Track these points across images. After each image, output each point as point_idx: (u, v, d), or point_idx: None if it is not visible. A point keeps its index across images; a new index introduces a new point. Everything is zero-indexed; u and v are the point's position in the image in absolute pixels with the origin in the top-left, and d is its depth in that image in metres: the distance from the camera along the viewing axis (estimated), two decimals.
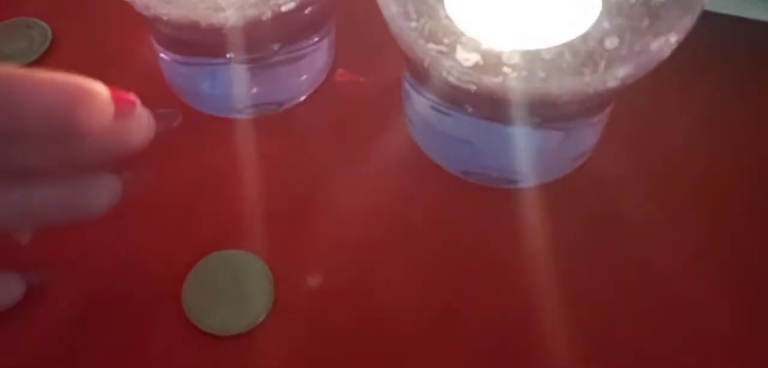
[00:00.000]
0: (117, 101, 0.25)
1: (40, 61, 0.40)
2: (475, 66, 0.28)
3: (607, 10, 0.30)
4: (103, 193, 0.27)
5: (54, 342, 0.30)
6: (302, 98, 0.38)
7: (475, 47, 0.29)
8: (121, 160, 0.27)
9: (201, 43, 0.34)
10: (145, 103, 0.35)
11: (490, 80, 0.28)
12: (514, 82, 0.28)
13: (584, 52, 0.29)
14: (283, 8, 0.32)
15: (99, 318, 0.31)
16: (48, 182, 0.26)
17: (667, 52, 0.28)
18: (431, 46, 0.29)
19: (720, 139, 0.36)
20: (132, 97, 0.26)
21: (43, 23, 0.41)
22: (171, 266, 0.31)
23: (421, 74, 0.32)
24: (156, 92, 0.38)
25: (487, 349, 0.30)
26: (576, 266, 0.31)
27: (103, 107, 0.25)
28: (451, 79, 0.28)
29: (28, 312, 0.31)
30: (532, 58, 0.28)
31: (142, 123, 0.26)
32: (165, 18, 0.31)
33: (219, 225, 0.33)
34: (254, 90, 0.36)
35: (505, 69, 0.28)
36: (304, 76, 0.37)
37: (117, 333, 0.30)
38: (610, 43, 0.29)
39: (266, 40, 0.34)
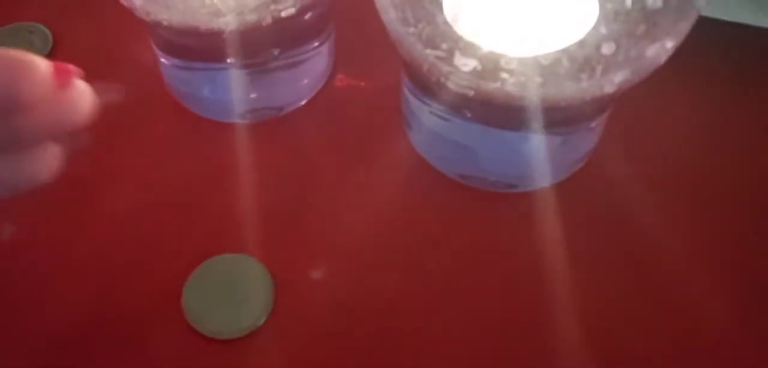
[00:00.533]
0: (56, 71, 0.25)
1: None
2: (473, 71, 0.28)
3: (604, 17, 0.30)
4: (45, 162, 0.27)
5: (53, 346, 0.30)
6: (302, 103, 0.38)
7: (473, 53, 0.29)
8: (63, 134, 0.26)
9: (201, 48, 0.34)
10: (145, 108, 0.36)
11: (488, 86, 0.28)
12: (512, 88, 0.28)
13: (581, 58, 0.29)
14: (283, 14, 0.32)
15: (99, 322, 0.31)
16: None
17: (663, 58, 0.28)
18: (429, 51, 0.29)
19: (717, 142, 0.36)
20: (71, 67, 0.26)
21: (44, 28, 0.41)
22: (171, 269, 0.32)
23: (419, 79, 0.32)
24: (156, 97, 0.38)
25: (487, 352, 0.30)
26: (575, 269, 0.31)
27: (43, 78, 0.25)
28: (450, 84, 0.29)
29: (27, 314, 0.31)
30: (530, 63, 0.29)
31: (82, 97, 0.26)
32: (165, 23, 0.32)
33: (219, 229, 0.33)
34: (254, 95, 0.36)
35: (503, 74, 0.28)
36: (304, 81, 0.37)
37: (117, 336, 0.30)
38: (607, 48, 0.29)
39: (266, 46, 0.35)
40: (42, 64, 0.25)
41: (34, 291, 0.31)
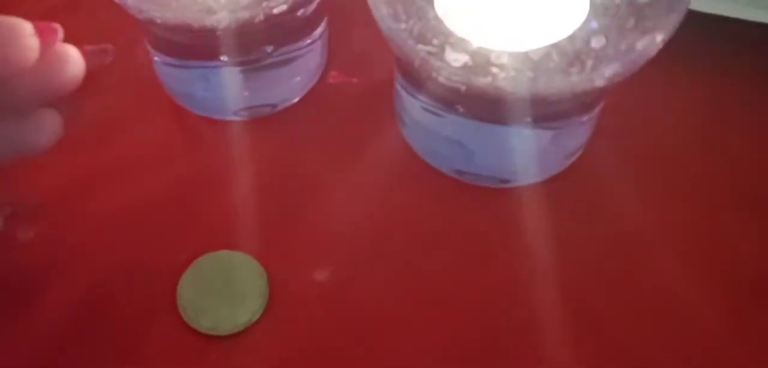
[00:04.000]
0: (40, 31, 0.25)
1: None
2: (464, 66, 0.28)
3: (594, 11, 0.30)
4: (43, 128, 0.27)
5: (49, 343, 0.30)
6: (295, 100, 0.38)
7: (463, 48, 0.29)
8: (54, 98, 0.27)
9: (194, 45, 0.34)
10: (139, 106, 0.36)
11: (479, 81, 0.28)
12: (502, 83, 0.28)
13: (571, 52, 0.29)
14: (276, 11, 0.32)
15: (94, 319, 0.31)
16: None
17: (653, 52, 0.28)
18: (421, 47, 0.29)
19: (709, 136, 0.36)
20: (54, 25, 0.26)
21: None
22: (166, 266, 0.32)
23: (412, 75, 0.32)
24: (150, 95, 0.38)
25: (481, 348, 0.30)
26: (569, 263, 0.32)
27: (28, 38, 0.25)
28: (441, 79, 0.29)
29: (23, 312, 0.31)
30: (521, 58, 0.29)
31: (71, 60, 0.27)
32: (158, 21, 0.32)
33: (213, 226, 0.33)
34: (247, 92, 0.36)
35: (494, 69, 0.28)
36: (297, 78, 0.38)
37: (112, 333, 0.30)
38: (597, 42, 0.29)
39: (259, 43, 0.35)
40: (26, 26, 0.25)
41: (29, 289, 0.31)
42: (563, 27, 0.30)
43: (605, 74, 0.28)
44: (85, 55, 0.27)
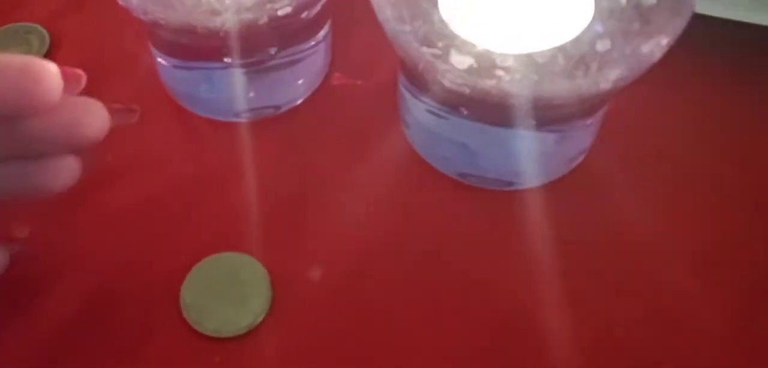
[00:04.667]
0: (65, 75, 0.25)
1: None
2: (469, 69, 0.28)
3: (599, 14, 0.30)
4: (60, 174, 0.27)
5: (52, 344, 0.30)
6: (299, 102, 0.38)
7: (468, 50, 0.29)
8: (75, 149, 0.27)
9: (198, 47, 0.34)
10: (143, 107, 0.36)
11: (484, 83, 0.28)
12: (507, 85, 0.28)
13: (576, 56, 0.29)
14: (280, 13, 0.32)
15: (97, 321, 0.31)
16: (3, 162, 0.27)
17: (658, 55, 0.28)
18: (425, 49, 0.29)
19: (714, 139, 0.36)
20: (78, 72, 0.27)
21: (41, 28, 0.41)
22: (169, 268, 0.32)
23: (416, 78, 0.32)
24: (154, 96, 0.38)
25: (485, 350, 0.30)
26: (573, 266, 0.32)
27: (54, 82, 0.25)
28: (446, 82, 0.29)
29: (26, 313, 0.31)
30: (526, 61, 0.29)
31: (96, 114, 0.27)
32: (162, 22, 0.32)
33: (217, 228, 0.33)
34: (251, 94, 0.36)
35: (499, 72, 0.28)
36: (301, 80, 0.38)
37: (115, 336, 0.30)
38: (602, 46, 0.29)
39: (263, 44, 0.35)
40: (52, 69, 0.25)
41: (33, 289, 0.31)
42: (568, 30, 0.30)
43: (610, 78, 0.27)
44: (111, 112, 0.27)
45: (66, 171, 0.27)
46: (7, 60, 0.25)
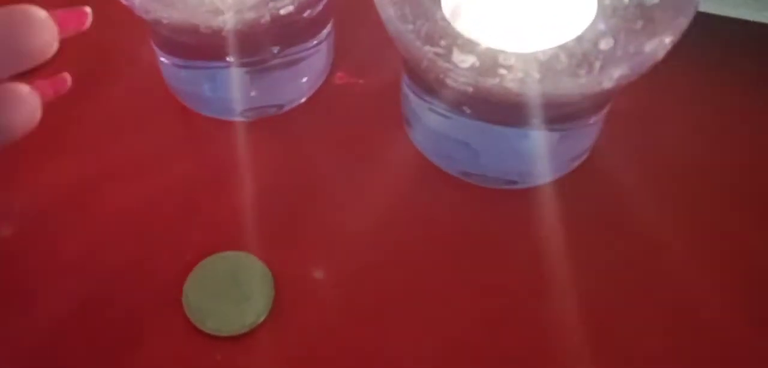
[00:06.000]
0: None
1: (44, 64, 0.40)
2: (472, 68, 0.28)
3: (602, 12, 0.30)
4: (18, 105, 0.24)
5: (54, 343, 0.30)
6: (302, 101, 0.38)
7: (471, 49, 0.29)
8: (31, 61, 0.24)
9: (200, 46, 0.34)
10: (146, 106, 0.36)
11: (487, 82, 0.28)
12: (510, 84, 0.28)
13: (579, 54, 0.29)
14: (282, 12, 0.32)
15: (99, 319, 0.31)
16: None
17: (661, 54, 0.28)
18: (428, 48, 0.29)
19: (717, 137, 0.36)
20: None
21: None
22: (171, 267, 0.32)
23: (419, 76, 0.32)
24: (156, 95, 0.38)
25: (488, 349, 0.30)
26: (576, 264, 0.31)
27: None
28: (448, 81, 0.29)
29: (28, 312, 0.31)
30: (528, 60, 0.29)
31: (38, 21, 0.24)
32: (165, 21, 0.32)
33: (219, 227, 0.33)
34: (254, 93, 0.36)
35: (502, 71, 0.28)
36: (304, 79, 0.37)
37: (117, 334, 0.30)
38: (605, 44, 0.29)
39: (265, 44, 0.35)
40: None
41: (34, 289, 0.31)
42: (571, 28, 0.30)
43: (613, 76, 0.27)
44: (61, 20, 0.25)
45: (25, 100, 0.24)
46: None
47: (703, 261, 0.32)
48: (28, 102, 0.25)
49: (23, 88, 0.24)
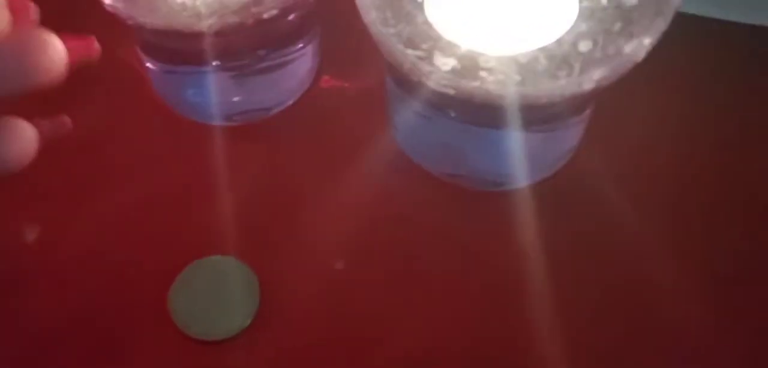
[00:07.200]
0: (12, 3, 0.23)
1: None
2: (453, 70, 0.28)
3: (581, 14, 0.30)
4: (14, 139, 0.24)
5: (38, 348, 0.30)
6: (288, 105, 0.38)
7: (452, 52, 0.29)
8: (32, 90, 0.24)
9: (185, 51, 0.34)
10: (131, 111, 0.36)
11: (468, 84, 0.28)
12: (491, 86, 0.28)
13: (559, 56, 0.29)
14: (266, 15, 0.32)
15: (84, 324, 0.31)
16: None
17: (641, 55, 0.28)
18: (410, 51, 0.29)
19: (700, 138, 0.36)
20: (28, 2, 0.24)
21: None
22: (157, 272, 0.32)
23: (402, 79, 0.32)
24: (142, 100, 0.38)
25: (474, 350, 0.30)
26: (561, 264, 0.32)
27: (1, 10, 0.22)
28: (431, 83, 0.29)
29: (12, 315, 0.31)
30: (508, 62, 0.29)
31: (52, 46, 0.24)
32: (148, 27, 0.32)
33: (205, 231, 0.33)
34: (239, 97, 0.36)
35: (482, 73, 0.28)
36: (290, 83, 0.38)
37: (103, 339, 0.31)
38: (584, 46, 0.29)
39: (251, 47, 0.35)
40: None
41: (18, 294, 0.32)
42: (551, 31, 0.30)
43: (593, 78, 0.28)
44: (69, 48, 0.24)
45: (21, 135, 0.24)
46: None
47: (686, 262, 0.32)
48: (25, 137, 0.24)
49: (21, 125, 0.24)
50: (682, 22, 0.30)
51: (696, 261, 0.32)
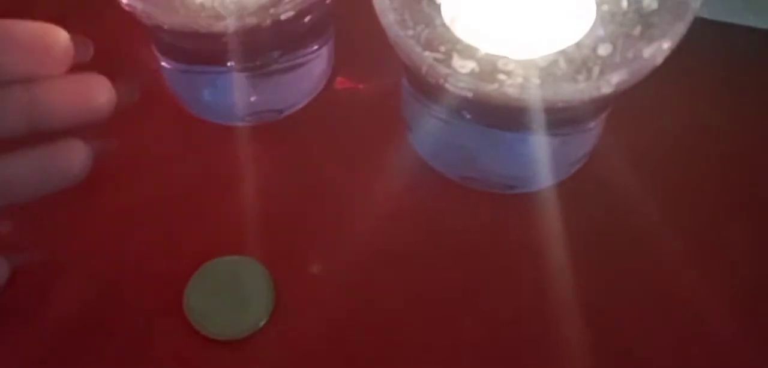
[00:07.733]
0: (73, 40, 0.27)
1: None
2: (471, 73, 0.28)
3: (601, 18, 0.30)
4: (74, 158, 0.28)
5: (55, 346, 0.30)
6: (302, 106, 0.38)
7: (471, 55, 0.29)
8: (86, 126, 0.27)
9: (202, 51, 0.35)
10: (147, 111, 0.36)
11: (486, 87, 0.28)
12: (510, 89, 0.28)
13: (578, 60, 0.29)
14: (283, 17, 0.32)
15: (100, 324, 0.31)
16: (16, 153, 0.27)
17: (660, 59, 0.28)
18: (428, 54, 0.29)
19: (715, 142, 0.36)
20: (87, 39, 0.28)
21: None
22: (172, 271, 0.32)
23: (419, 82, 0.32)
24: (158, 100, 0.38)
25: (488, 353, 0.30)
26: (576, 268, 0.32)
27: (62, 41, 0.26)
28: (448, 86, 0.29)
29: (29, 314, 0.31)
30: (528, 65, 0.29)
31: (103, 86, 0.27)
32: (166, 27, 0.32)
33: (220, 231, 0.33)
34: (254, 98, 0.36)
35: (501, 76, 0.28)
36: (304, 84, 0.38)
37: (119, 338, 0.31)
38: (604, 50, 0.29)
39: (266, 48, 0.35)
40: (62, 34, 0.26)
41: (35, 292, 0.32)
42: (570, 34, 0.30)
43: (612, 81, 0.28)
44: (117, 89, 0.28)
45: (77, 154, 0.28)
46: (19, 24, 0.25)
47: (704, 263, 0.32)
48: (82, 156, 0.28)
49: (79, 145, 0.28)
50: (700, 26, 0.30)
51: (716, 262, 0.32)
